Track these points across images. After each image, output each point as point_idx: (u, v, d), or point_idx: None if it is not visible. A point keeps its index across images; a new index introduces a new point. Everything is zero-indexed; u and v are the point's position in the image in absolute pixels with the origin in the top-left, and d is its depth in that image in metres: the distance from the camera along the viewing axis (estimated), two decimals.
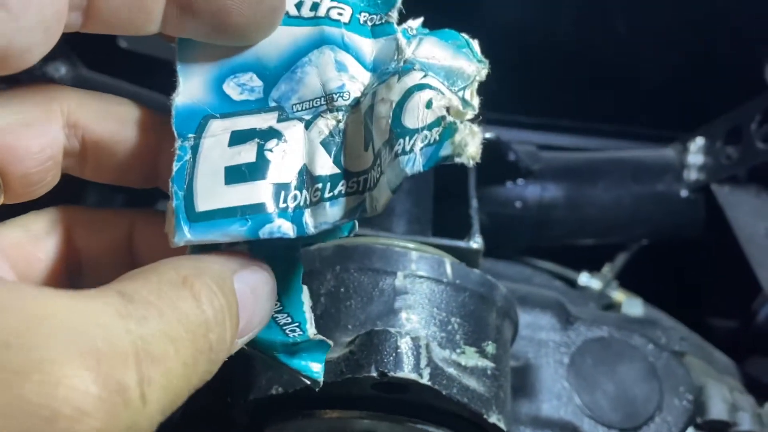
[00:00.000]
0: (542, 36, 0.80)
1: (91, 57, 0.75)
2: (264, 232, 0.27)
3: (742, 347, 0.72)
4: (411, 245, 0.46)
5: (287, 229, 0.28)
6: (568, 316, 0.59)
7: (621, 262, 0.76)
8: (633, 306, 0.70)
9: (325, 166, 0.28)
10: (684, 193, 0.74)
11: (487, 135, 0.63)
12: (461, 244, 0.48)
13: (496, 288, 0.47)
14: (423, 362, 0.40)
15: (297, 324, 0.31)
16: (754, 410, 0.57)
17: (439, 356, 0.42)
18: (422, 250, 0.46)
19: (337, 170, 0.28)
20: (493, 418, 0.42)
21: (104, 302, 0.22)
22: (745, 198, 0.70)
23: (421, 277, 0.44)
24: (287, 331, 0.30)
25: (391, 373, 0.39)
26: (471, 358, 0.43)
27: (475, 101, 0.27)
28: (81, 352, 0.21)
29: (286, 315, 0.31)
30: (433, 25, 0.30)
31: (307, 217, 0.28)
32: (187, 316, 0.24)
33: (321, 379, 0.32)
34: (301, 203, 0.28)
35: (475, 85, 0.28)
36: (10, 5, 0.24)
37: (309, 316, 0.31)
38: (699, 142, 0.74)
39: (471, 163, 0.25)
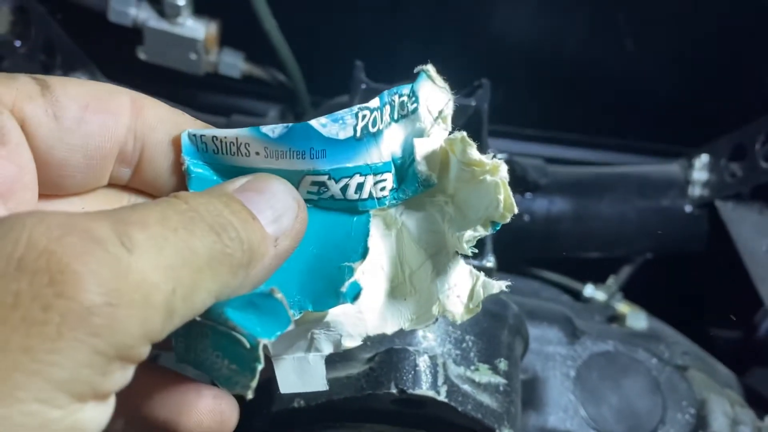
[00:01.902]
0: (551, 52, 0.81)
1: (109, 66, 0.77)
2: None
3: (743, 360, 0.74)
4: None
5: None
6: (574, 330, 0.60)
7: (625, 275, 0.78)
8: (637, 319, 0.72)
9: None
10: (688, 208, 0.75)
11: (499, 155, 0.65)
12: (474, 262, 0.50)
13: (508, 306, 0.48)
14: (440, 380, 0.42)
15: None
16: (755, 424, 0.59)
17: (455, 373, 0.43)
18: None
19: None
20: None
21: None
22: (748, 215, 0.72)
23: None
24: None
25: (410, 390, 0.41)
26: (484, 374, 0.45)
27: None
28: (47, 214, 0.22)
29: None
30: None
31: None
32: (167, 204, 0.24)
33: (260, 345, 0.26)
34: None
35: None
36: (64, 119, 0.27)
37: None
38: (704, 158, 0.75)
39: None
